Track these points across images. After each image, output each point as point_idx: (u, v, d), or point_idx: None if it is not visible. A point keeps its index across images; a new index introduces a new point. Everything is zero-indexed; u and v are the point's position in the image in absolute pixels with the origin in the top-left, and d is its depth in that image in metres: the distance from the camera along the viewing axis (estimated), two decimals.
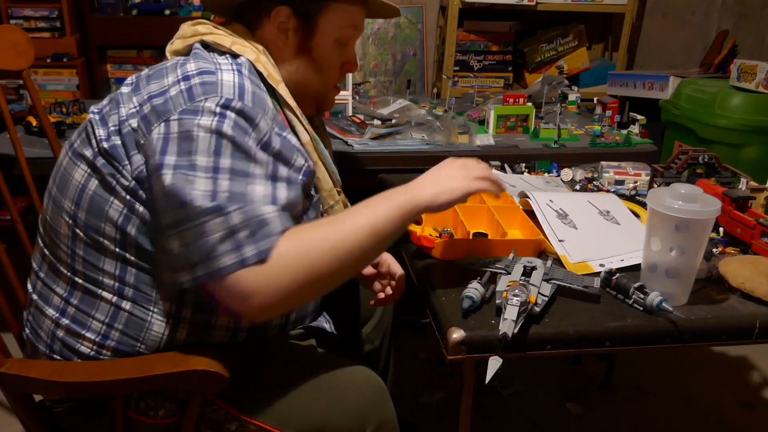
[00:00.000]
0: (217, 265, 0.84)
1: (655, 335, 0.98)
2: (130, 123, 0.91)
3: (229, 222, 0.84)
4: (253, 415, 0.96)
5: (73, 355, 0.98)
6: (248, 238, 0.84)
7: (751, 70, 2.26)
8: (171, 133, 0.87)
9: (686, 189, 0.99)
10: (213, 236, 0.84)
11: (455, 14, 2.79)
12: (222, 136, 0.87)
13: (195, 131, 0.86)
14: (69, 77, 2.79)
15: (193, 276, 0.85)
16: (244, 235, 0.84)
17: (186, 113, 0.88)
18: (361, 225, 0.90)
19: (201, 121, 0.87)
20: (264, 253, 0.84)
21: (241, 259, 0.84)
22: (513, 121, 2.02)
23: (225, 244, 0.84)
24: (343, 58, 1.10)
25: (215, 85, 0.90)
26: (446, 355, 0.94)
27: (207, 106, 0.88)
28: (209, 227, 0.84)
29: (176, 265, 0.87)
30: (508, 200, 1.35)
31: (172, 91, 0.90)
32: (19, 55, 1.25)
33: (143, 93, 0.93)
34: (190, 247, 0.84)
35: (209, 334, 0.98)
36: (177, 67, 0.95)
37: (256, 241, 0.84)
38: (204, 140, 0.86)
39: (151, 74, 0.96)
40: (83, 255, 0.96)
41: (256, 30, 1.05)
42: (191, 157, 0.86)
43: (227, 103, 0.89)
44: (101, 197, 0.94)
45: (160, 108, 0.89)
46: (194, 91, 0.89)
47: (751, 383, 2.08)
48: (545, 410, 1.90)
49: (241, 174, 0.87)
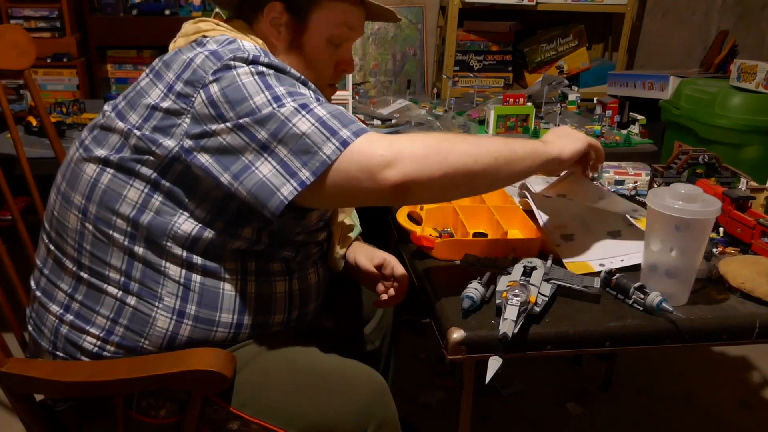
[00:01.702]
0: (322, 155, 0.86)
1: (655, 335, 0.98)
2: (161, 106, 0.93)
3: (316, 114, 0.88)
4: (255, 414, 0.96)
5: (77, 351, 0.99)
6: (341, 124, 0.88)
7: (751, 70, 2.27)
8: (215, 93, 0.90)
9: (686, 189, 0.99)
10: (308, 131, 0.87)
11: (455, 14, 2.80)
12: (263, 75, 0.91)
13: (238, 80, 0.90)
14: (69, 77, 2.79)
15: (303, 179, 0.86)
16: (336, 123, 0.88)
17: (219, 71, 0.91)
18: (497, 147, 0.96)
19: (238, 70, 0.91)
20: (360, 132, 0.88)
21: (341, 140, 0.87)
22: (513, 121, 2.02)
23: (321, 134, 0.87)
24: (337, 58, 1.10)
25: (239, 48, 0.94)
26: (446, 355, 0.94)
27: (238, 62, 0.92)
28: (300, 126, 0.87)
29: (276, 182, 0.87)
30: (508, 200, 1.35)
31: (197, 60, 0.93)
32: (20, 55, 1.25)
33: (168, 77, 0.95)
34: (292, 153, 0.87)
35: (212, 331, 0.99)
36: (194, 46, 0.97)
37: (346, 125, 0.88)
38: (250, 84, 0.90)
39: (166, 60, 0.98)
40: (90, 249, 0.97)
41: (254, 25, 1.06)
42: (249, 101, 0.89)
43: (255, 58, 0.93)
44: (115, 191, 0.95)
45: (191, 78, 0.92)
46: (221, 53, 0.93)
47: (751, 383, 2.08)
48: (545, 410, 1.90)
49: (298, 94, 0.91)
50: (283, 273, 1.04)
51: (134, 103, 0.96)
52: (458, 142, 0.94)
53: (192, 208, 0.95)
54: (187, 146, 0.92)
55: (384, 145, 0.87)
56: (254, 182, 0.88)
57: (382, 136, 0.89)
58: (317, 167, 0.87)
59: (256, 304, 1.01)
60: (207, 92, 0.90)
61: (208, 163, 0.91)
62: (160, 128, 0.93)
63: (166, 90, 0.94)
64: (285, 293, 1.05)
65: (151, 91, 0.95)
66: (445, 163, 0.90)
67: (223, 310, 0.99)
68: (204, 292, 0.97)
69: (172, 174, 0.94)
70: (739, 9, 3.22)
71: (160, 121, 0.93)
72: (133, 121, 0.95)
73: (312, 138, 0.87)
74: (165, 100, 0.93)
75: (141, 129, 0.94)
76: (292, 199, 0.87)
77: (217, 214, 0.96)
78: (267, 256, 1.02)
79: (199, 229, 0.95)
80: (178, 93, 0.92)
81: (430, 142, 0.91)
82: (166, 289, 0.96)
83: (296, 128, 0.87)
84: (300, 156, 0.87)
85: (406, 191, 0.88)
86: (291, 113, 0.88)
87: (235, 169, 0.89)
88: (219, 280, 0.98)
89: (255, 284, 1.01)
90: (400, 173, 0.87)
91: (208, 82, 0.91)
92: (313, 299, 1.11)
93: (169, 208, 0.95)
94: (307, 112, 0.88)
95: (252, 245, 0.99)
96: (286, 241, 1.03)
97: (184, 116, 0.92)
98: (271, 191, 0.88)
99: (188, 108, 0.91)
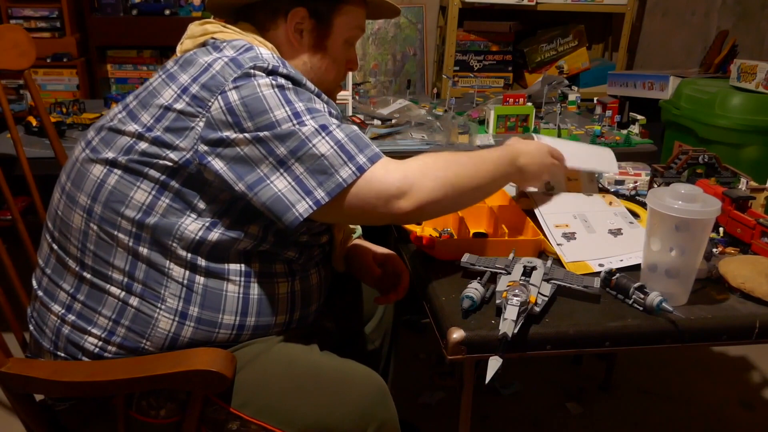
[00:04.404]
0: (338, 178, 0.91)
1: (655, 335, 0.98)
2: (174, 108, 0.94)
3: (335, 137, 0.92)
4: (254, 414, 0.96)
5: (78, 351, 0.99)
6: (357, 149, 0.92)
7: (751, 70, 2.27)
8: (234, 101, 0.91)
9: (686, 189, 0.99)
10: (327, 154, 0.91)
11: (455, 14, 2.80)
12: (283, 88, 0.93)
13: (258, 91, 0.92)
14: (69, 77, 2.79)
15: (317, 198, 0.91)
16: (352, 147, 0.92)
17: (240, 80, 0.92)
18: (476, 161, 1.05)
19: (259, 81, 0.92)
20: (375, 157, 0.93)
21: (358, 166, 0.92)
22: (513, 121, 2.03)
23: (339, 157, 0.91)
24: (347, 57, 1.13)
25: (258, 57, 0.95)
26: (446, 355, 0.94)
27: (258, 72, 0.93)
28: (320, 147, 0.91)
29: (292, 198, 0.91)
30: (508, 200, 1.35)
31: (216, 65, 0.94)
32: (20, 55, 1.24)
33: (182, 79, 0.95)
34: (308, 172, 0.91)
35: (214, 333, 0.99)
36: (210, 51, 0.98)
37: (362, 150, 0.93)
38: (271, 96, 0.92)
39: (181, 63, 0.98)
40: (94, 249, 0.97)
41: (269, 29, 1.07)
42: (270, 114, 0.91)
43: (275, 69, 0.95)
44: (121, 192, 0.95)
45: (211, 83, 0.93)
46: (240, 60, 0.94)
47: (751, 383, 2.08)
48: (545, 410, 1.90)
49: (316, 111, 0.94)
50: (285, 274, 1.04)
51: (146, 103, 0.97)
52: (462, 166, 1.02)
53: (200, 209, 0.96)
54: (202, 151, 0.92)
55: (398, 177, 0.94)
56: (269, 195, 0.91)
57: (397, 165, 0.95)
58: (333, 188, 0.91)
59: (258, 305, 1.01)
60: (225, 99, 0.91)
61: (222, 170, 0.92)
62: (172, 129, 0.93)
63: (180, 91, 0.94)
64: (287, 294, 1.05)
65: (163, 92, 0.96)
66: (452, 190, 0.98)
67: (226, 311, 0.99)
68: (207, 294, 0.97)
69: (182, 176, 0.94)
70: (739, 9, 3.22)
71: (173, 122, 0.93)
72: (145, 121, 0.95)
73: (330, 160, 0.91)
74: (178, 101, 0.94)
75: (152, 130, 0.94)
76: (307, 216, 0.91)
77: (225, 213, 0.97)
78: (270, 258, 1.02)
79: (205, 230, 0.95)
80: (193, 95, 0.93)
81: (438, 172, 0.98)
82: (169, 290, 0.96)
83: (316, 149, 0.91)
84: (316, 175, 0.91)
85: (416, 217, 0.98)
86: (312, 134, 0.91)
87: (250, 180, 0.92)
88: (222, 281, 0.98)
89: (258, 286, 1.01)
90: (413, 204, 0.94)
91: (228, 89, 0.92)
92: (315, 300, 1.11)
93: (176, 210, 0.95)
94: (327, 134, 0.92)
95: (257, 244, 1.00)
96: (290, 241, 1.04)
97: (198, 119, 0.92)
98: (286, 206, 0.91)
99: (203, 112, 0.92)
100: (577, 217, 1.26)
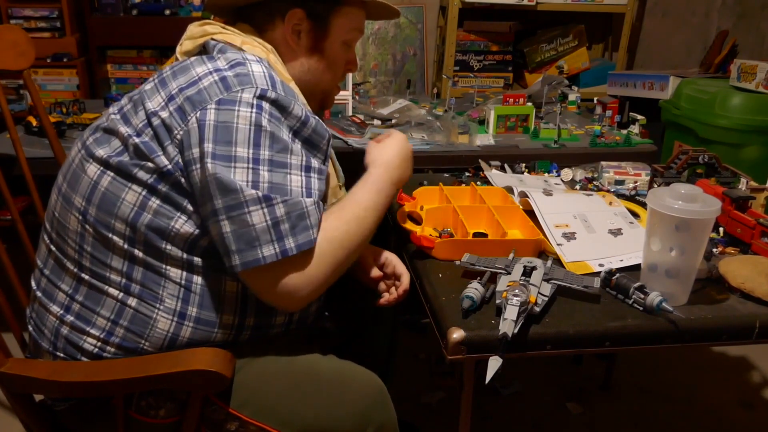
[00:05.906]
0: (258, 254, 0.89)
1: (655, 335, 0.98)
2: (160, 115, 0.93)
3: (274, 213, 0.90)
4: (254, 415, 0.96)
5: (77, 351, 0.99)
6: (290, 230, 0.91)
7: (751, 70, 2.26)
8: (209, 121, 0.91)
9: (686, 189, 0.99)
10: (258, 225, 0.89)
11: (455, 14, 2.79)
12: (260, 128, 0.91)
13: (234, 122, 0.91)
14: (69, 77, 2.79)
15: (232, 263, 0.90)
16: (286, 228, 0.90)
17: (223, 103, 0.91)
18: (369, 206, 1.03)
19: (240, 112, 0.91)
20: (303, 246, 0.92)
21: (283, 249, 0.90)
22: (513, 121, 2.02)
23: (268, 234, 0.90)
24: (346, 58, 1.14)
25: (249, 76, 0.94)
26: (446, 355, 0.94)
27: (244, 98, 0.91)
28: (254, 216, 0.90)
29: (221, 249, 0.92)
30: (508, 200, 1.35)
31: (205, 81, 0.93)
32: (19, 55, 1.25)
33: (171, 87, 0.95)
34: (234, 234, 0.90)
35: (213, 333, 0.99)
36: (204, 61, 0.97)
37: (295, 234, 0.91)
38: (243, 131, 0.90)
39: (176, 70, 0.98)
40: (91, 251, 0.97)
41: (267, 30, 1.08)
42: (232, 148, 0.90)
43: (263, 93, 0.93)
44: (113, 194, 0.95)
45: (195, 98, 0.92)
46: (229, 82, 0.93)
47: (751, 383, 2.08)
48: (545, 410, 1.90)
49: (280, 165, 0.92)
50: None
51: (137, 106, 0.97)
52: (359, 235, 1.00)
53: (190, 211, 0.95)
54: (182, 162, 0.93)
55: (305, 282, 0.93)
56: (215, 233, 0.92)
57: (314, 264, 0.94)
58: (249, 261, 0.91)
59: (257, 305, 1.01)
60: (203, 115, 0.91)
61: (196, 186, 0.93)
62: (158, 136, 0.94)
63: (167, 99, 0.94)
64: None
65: (153, 97, 0.96)
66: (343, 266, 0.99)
67: (225, 311, 0.99)
68: (205, 294, 0.97)
69: (169, 181, 0.94)
70: (739, 9, 3.21)
71: (158, 129, 0.93)
72: (135, 125, 0.95)
73: (258, 233, 0.90)
74: (164, 109, 0.94)
75: (141, 135, 0.94)
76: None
77: None
78: None
79: (198, 232, 0.95)
80: (178, 107, 0.93)
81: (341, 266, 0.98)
82: (167, 290, 0.96)
83: (249, 216, 0.90)
84: (238, 241, 0.90)
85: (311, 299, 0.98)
86: (252, 200, 0.90)
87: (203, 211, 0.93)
88: (220, 281, 0.98)
89: None
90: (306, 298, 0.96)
91: (209, 107, 0.91)
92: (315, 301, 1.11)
93: (166, 211, 0.95)
94: (268, 206, 0.90)
95: None
96: None
97: (177, 131, 0.92)
98: (225, 250, 0.92)
99: (183, 126, 0.92)
100: (577, 217, 1.26)
